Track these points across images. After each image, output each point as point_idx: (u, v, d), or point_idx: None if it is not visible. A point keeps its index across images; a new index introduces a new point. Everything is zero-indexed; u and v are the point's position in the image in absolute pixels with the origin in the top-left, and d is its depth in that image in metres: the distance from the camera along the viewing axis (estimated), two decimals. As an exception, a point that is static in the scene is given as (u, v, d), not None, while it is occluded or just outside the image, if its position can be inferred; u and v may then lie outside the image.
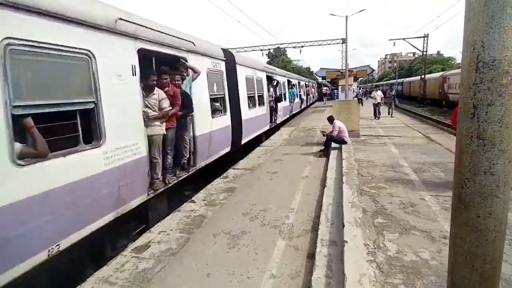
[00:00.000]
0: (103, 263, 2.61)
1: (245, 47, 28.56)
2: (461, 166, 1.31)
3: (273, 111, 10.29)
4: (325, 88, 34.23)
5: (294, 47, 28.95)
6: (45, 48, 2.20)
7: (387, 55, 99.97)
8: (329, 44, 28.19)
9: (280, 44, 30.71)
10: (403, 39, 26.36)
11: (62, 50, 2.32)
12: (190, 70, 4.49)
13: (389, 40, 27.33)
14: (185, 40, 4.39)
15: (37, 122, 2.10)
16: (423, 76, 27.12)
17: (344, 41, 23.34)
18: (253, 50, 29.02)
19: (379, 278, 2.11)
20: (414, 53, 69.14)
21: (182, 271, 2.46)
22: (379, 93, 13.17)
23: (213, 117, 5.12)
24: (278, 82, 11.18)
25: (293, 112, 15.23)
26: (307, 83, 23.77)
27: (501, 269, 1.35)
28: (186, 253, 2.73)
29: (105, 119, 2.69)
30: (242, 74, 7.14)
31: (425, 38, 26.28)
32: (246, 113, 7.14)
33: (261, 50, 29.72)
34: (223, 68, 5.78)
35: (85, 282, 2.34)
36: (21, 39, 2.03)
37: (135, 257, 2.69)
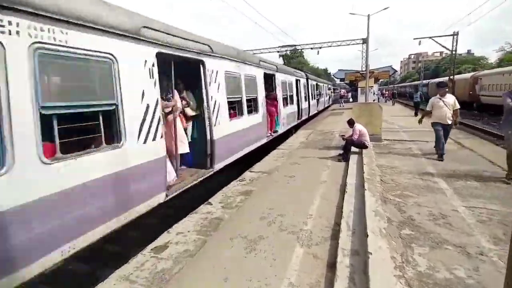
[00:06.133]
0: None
1: (262, 49, 28.64)
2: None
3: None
4: (342, 90, 33.87)
5: (311, 48, 28.54)
6: None
7: (411, 55, 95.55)
8: (348, 44, 27.43)
9: (298, 45, 30.42)
10: (430, 37, 24.92)
11: None
12: None
13: (414, 39, 25.92)
14: None
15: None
16: (451, 77, 25.47)
17: (364, 41, 22.59)
18: (269, 52, 29.05)
19: (408, 295, 1.95)
20: (441, 52, 65.42)
21: (200, 274, 2.45)
22: (451, 100, 5.65)
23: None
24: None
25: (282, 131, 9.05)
26: (317, 83, 18.73)
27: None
28: (203, 256, 2.73)
29: None
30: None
31: (455, 36, 24.69)
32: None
33: (278, 51, 29.67)
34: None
35: (107, 278, 2.41)
36: None
37: (154, 257, 2.74)
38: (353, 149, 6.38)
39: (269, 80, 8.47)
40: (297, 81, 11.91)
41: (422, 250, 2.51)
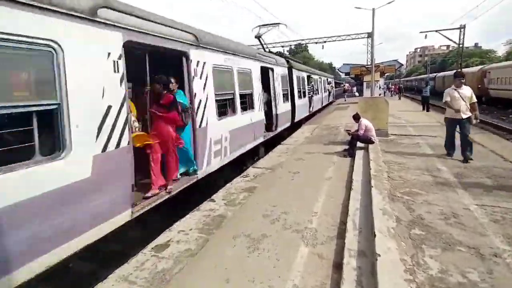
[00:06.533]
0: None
1: (267, 44, 28.12)
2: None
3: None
4: (346, 84, 33.79)
5: (316, 43, 28.09)
6: None
7: (417, 48, 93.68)
8: (353, 38, 26.93)
9: (302, 40, 29.95)
10: (436, 31, 24.28)
11: None
12: None
13: (420, 32, 25.29)
14: None
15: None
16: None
17: (369, 35, 22.09)
18: (273, 47, 28.60)
19: (420, 300, 1.85)
20: (448, 46, 63.96)
21: (201, 274, 2.38)
22: (467, 92, 5.20)
23: None
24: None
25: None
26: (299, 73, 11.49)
27: None
28: (205, 255, 2.66)
29: None
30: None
31: (462, 30, 23.98)
32: None
33: (282, 46, 29.16)
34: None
35: (106, 279, 2.35)
36: None
37: (154, 256, 2.67)
38: (359, 144, 6.22)
39: (175, 64, 4.02)
40: (266, 70, 7.50)
41: (433, 252, 2.39)
